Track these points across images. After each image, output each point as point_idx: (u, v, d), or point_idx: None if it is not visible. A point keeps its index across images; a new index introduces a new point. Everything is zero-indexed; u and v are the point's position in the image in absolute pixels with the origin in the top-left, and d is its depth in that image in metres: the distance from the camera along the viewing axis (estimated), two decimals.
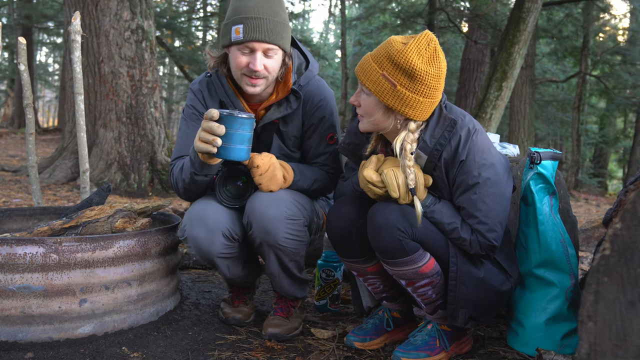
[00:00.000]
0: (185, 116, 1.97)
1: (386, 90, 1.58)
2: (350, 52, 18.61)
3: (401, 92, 1.57)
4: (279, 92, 1.89)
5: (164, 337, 1.85)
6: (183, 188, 1.86)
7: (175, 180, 1.89)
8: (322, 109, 1.93)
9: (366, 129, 1.69)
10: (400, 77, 1.56)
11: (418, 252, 1.62)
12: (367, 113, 1.65)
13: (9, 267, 1.66)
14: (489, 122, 6.71)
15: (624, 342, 0.81)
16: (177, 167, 1.88)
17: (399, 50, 1.55)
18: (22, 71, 2.68)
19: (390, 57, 1.56)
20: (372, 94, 1.60)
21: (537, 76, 12.50)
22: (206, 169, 1.76)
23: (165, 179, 5.66)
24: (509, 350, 1.87)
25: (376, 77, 1.58)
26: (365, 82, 1.60)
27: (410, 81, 1.56)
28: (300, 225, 1.80)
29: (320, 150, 1.97)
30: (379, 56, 1.59)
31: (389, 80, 1.57)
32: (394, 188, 1.60)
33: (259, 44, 1.74)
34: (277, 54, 1.80)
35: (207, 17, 15.95)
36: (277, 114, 1.89)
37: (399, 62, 1.55)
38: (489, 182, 1.61)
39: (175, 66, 19.85)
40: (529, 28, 6.75)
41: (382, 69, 1.57)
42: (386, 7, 13.00)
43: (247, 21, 1.73)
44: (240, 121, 1.64)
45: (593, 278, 0.85)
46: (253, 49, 1.75)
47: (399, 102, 1.58)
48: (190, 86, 2.01)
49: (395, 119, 1.64)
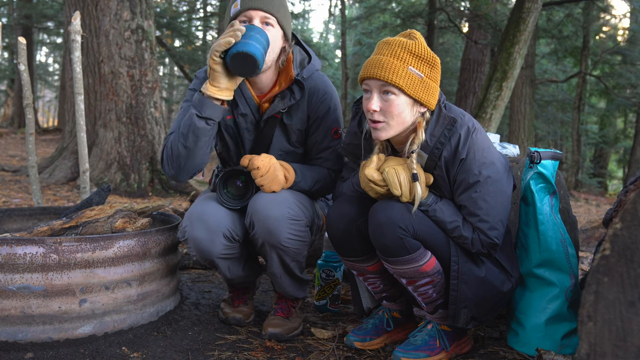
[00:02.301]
0: (187, 97, 1.95)
1: (416, 83, 1.59)
2: (350, 52, 18.61)
3: (427, 83, 1.61)
4: (282, 83, 1.89)
5: (164, 337, 1.85)
6: (177, 151, 1.78)
7: (169, 148, 1.80)
8: (327, 101, 1.93)
9: (388, 135, 1.64)
10: (424, 68, 1.60)
11: (419, 250, 1.62)
12: (394, 115, 1.60)
13: (9, 267, 1.66)
14: (489, 122, 6.71)
15: (624, 342, 0.81)
16: (174, 135, 1.82)
17: (415, 42, 1.60)
18: (22, 71, 2.68)
19: (409, 50, 1.59)
20: (402, 91, 1.58)
21: (537, 76, 12.50)
22: (209, 106, 1.73)
23: (165, 179, 5.66)
24: (509, 350, 1.86)
25: (404, 73, 1.57)
26: (395, 80, 1.56)
27: (431, 70, 1.62)
28: (302, 225, 1.80)
29: (324, 145, 1.96)
30: (396, 52, 1.58)
31: (416, 72, 1.59)
32: (396, 186, 1.60)
33: (255, 12, 1.76)
34: (274, 27, 1.80)
35: (207, 17, 15.95)
36: (281, 105, 1.88)
37: (420, 53, 1.59)
38: (489, 180, 1.61)
39: (175, 66, 19.86)
40: (529, 28, 6.74)
41: (407, 63, 1.58)
42: (386, 7, 12.99)
43: None
44: (258, 29, 1.71)
45: (593, 278, 0.85)
46: (250, 17, 1.76)
47: (427, 93, 1.62)
48: (196, 73, 2.00)
49: (414, 115, 1.63)
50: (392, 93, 1.58)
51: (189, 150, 1.78)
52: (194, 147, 1.78)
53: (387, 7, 13.00)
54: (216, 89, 1.72)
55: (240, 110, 1.91)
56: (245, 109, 1.91)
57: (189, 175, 1.86)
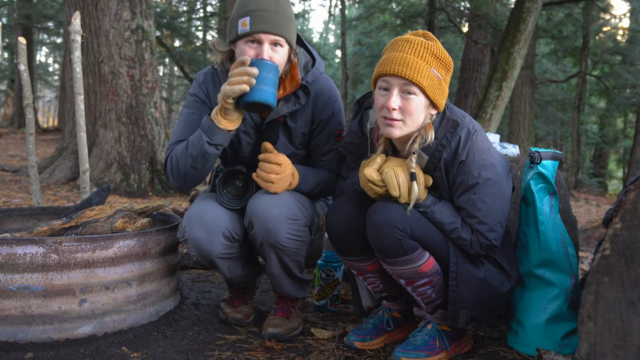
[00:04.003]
0: (187, 104, 1.95)
1: (435, 85, 1.59)
2: (350, 52, 18.61)
3: (443, 85, 1.62)
4: (286, 87, 1.88)
5: (164, 337, 1.85)
6: (185, 169, 1.80)
7: (175, 163, 1.82)
8: (332, 105, 1.93)
9: (403, 133, 1.62)
10: (442, 70, 1.62)
11: (417, 251, 1.62)
12: (411, 114, 1.59)
13: (9, 267, 1.66)
14: (489, 122, 6.71)
15: (624, 342, 0.81)
16: (178, 148, 1.83)
17: (436, 45, 1.61)
18: (22, 71, 2.68)
19: (432, 51, 1.59)
20: (423, 92, 1.58)
21: (537, 76, 12.50)
22: (221, 135, 1.74)
23: (165, 179, 5.66)
24: (509, 350, 1.86)
25: (428, 73, 1.57)
26: (419, 80, 1.56)
27: (447, 73, 1.64)
28: (301, 225, 1.80)
29: (327, 148, 1.96)
30: (419, 52, 1.58)
31: (436, 74, 1.60)
32: (395, 187, 1.60)
33: (265, 35, 1.73)
34: (283, 48, 1.79)
35: (207, 17, 15.96)
36: (285, 109, 1.88)
37: (441, 56, 1.60)
38: (488, 182, 1.61)
39: (175, 66, 19.86)
40: (529, 28, 6.75)
41: (429, 64, 1.58)
42: (386, 7, 13.00)
43: (254, 13, 1.73)
44: (270, 66, 1.67)
45: (593, 278, 0.85)
46: (260, 40, 1.74)
47: (442, 96, 1.63)
48: (195, 76, 2.00)
49: (426, 116, 1.64)
50: (413, 93, 1.57)
51: (197, 170, 1.82)
52: (202, 167, 1.82)
53: (387, 7, 13.00)
54: (227, 122, 1.74)
55: None
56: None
57: (194, 186, 1.90)
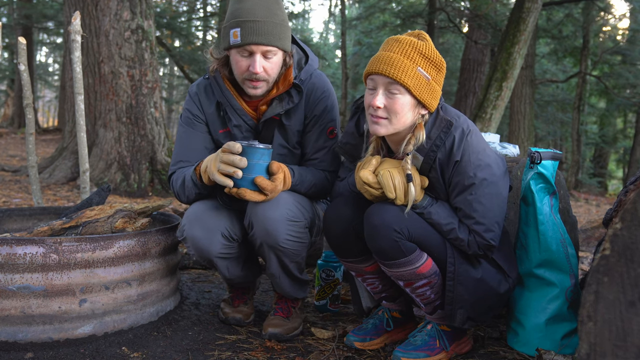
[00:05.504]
0: (183, 121, 1.98)
1: (422, 84, 1.59)
2: (350, 52, 18.60)
3: (432, 85, 1.61)
4: (279, 87, 1.89)
5: (164, 337, 1.85)
6: (186, 199, 1.91)
7: (177, 192, 1.92)
8: (324, 100, 1.93)
9: (388, 131, 1.63)
10: (432, 70, 1.60)
11: (415, 252, 1.62)
12: (396, 113, 1.59)
13: (9, 267, 1.66)
14: (489, 122, 6.71)
15: (624, 342, 0.81)
16: (178, 180, 1.90)
17: (425, 44, 1.60)
18: (22, 71, 2.68)
19: (420, 51, 1.58)
20: (408, 91, 1.58)
21: (537, 76, 12.50)
22: (209, 187, 1.82)
23: (165, 179, 5.66)
24: (509, 350, 1.86)
25: (413, 72, 1.57)
26: (403, 79, 1.56)
27: (438, 73, 1.63)
28: (301, 226, 1.80)
29: (319, 145, 1.95)
30: (407, 52, 1.58)
31: (424, 74, 1.59)
32: (390, 189, 1.60)
33: (256, 47, 1.75)
34: (276, 55, 1.80)
35: (207, 17, 15.95)
36: (279, 108, 1.88)
37: (430, 55, 1.59)
38: (484, 182, 1.61)
39: (175, 66, 19.86)
40: (529, 28, 6.75)
41: (416, 64, 1.58)
42: (386, 7, 13.01)
43: (244, 24, 1.73)
44: (262, 152, 1.67)
45: (593, 278, 0.85)
46: (251, 51, 1.76)
47: (430, 96, 1.61)
48: (188, 89, 2.02)
49: (415, 116, 1.63)
50: (398, 92, 1.57)
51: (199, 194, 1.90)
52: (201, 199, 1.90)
53: (387, 7, 13.01)
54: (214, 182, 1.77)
55: (233, 122, 1.92)
56: (237, 120, 1.91)
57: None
